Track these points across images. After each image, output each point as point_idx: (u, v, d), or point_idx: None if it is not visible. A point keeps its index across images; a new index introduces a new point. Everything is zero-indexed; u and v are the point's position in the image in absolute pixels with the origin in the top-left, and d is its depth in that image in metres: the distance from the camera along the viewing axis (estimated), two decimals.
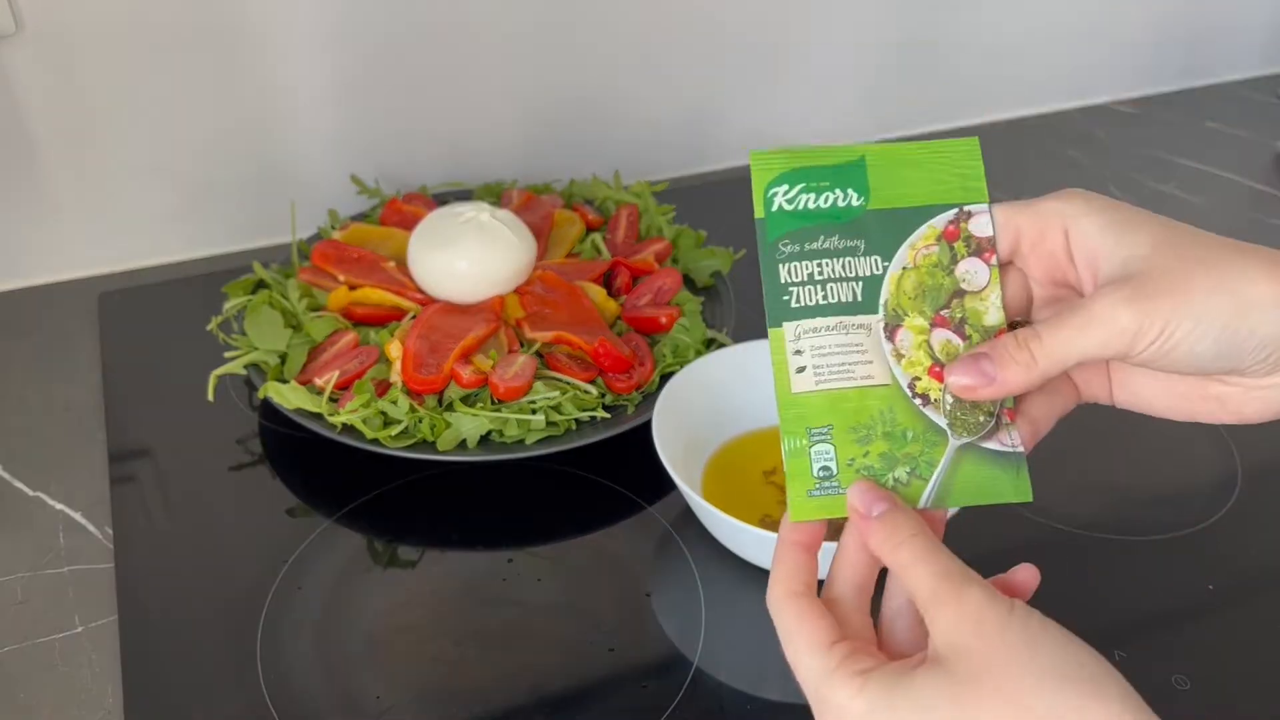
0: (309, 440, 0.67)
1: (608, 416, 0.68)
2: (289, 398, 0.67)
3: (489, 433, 0.67)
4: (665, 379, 0.71)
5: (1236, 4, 1.25)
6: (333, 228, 0.84)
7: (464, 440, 0.66)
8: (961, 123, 1.17)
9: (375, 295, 0.75)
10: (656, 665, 0.57)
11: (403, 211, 0.85)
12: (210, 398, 0.70)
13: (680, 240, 0.85)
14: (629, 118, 1.01)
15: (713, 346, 0.75)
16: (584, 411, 0.68)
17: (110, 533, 0.65)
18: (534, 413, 0.66)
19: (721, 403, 0.67)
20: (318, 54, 0.87)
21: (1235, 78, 1.30)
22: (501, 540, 0.65)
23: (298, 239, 0.83)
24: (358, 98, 0.90)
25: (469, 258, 0.74)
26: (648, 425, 0.63)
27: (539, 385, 0.68)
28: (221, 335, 0.75)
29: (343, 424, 0.66)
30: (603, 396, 0.70)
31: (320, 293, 0.76)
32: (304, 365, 0.71)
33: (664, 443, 0.61)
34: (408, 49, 0.90)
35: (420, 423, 0.66)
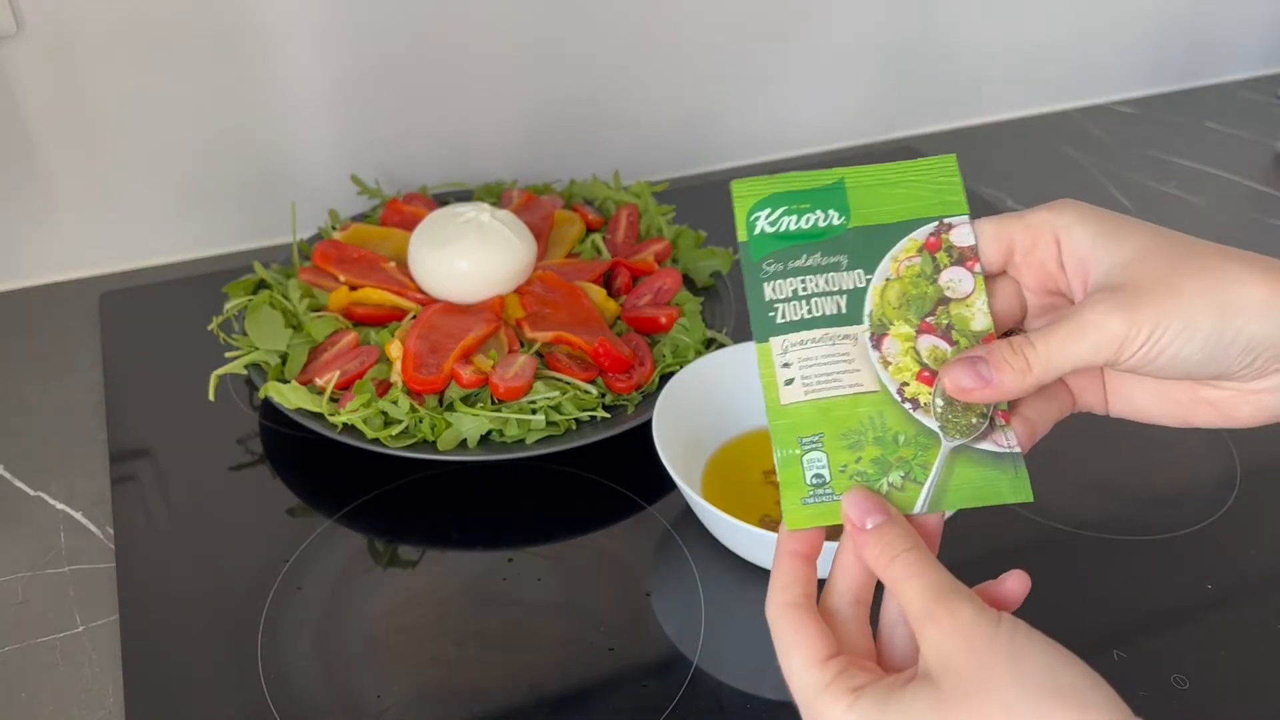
0: (309, 440, 0.68)
1: (608, 416, 0.68)
2: (290, 398, 0.67)
3: (489, 433, 0.67)
4: (665, 379, 0.71)
5: (1236, 4, 1.25)
6: (333, 228, 0.84)
7: (464, 440, 0.66)
8: (961, 123, 1.17)
9: (376, 295, 0.76)
10: (656, 665, 0.57)
11: (403, 212, 0.85)
12: (211, 397, 0.70)
13: (680, 240, 0.85)
14: (629, 118, 1.01)
15: (713, 346, 0.75)
16: (584, 411, 0.68)
17: (111, 532, 0.65)
18: (534, 413, 0.66)
19: (721, 403, 0.67)
20: (319, 54, 0.87)
21: (1235, 78, 1.30)
22: (501, 540, 0.65)
23: (298, 239, 0.83)
24: (358, 98, 0.90)
25: (469, 258, 0.75)
26: (648, 425, 0.63)
27: (539, 385, 0.68)
28: (222, 335, 0.75)
29: (343, 424, 0.66)
30: (603, 396, 0.70)
31: (321, 293, 0.76)
32: (305, 365, 0.71)
33: (664, 443, 0.61)
34: (408, 50, 0.90)
35: (420, 423, 0.66)
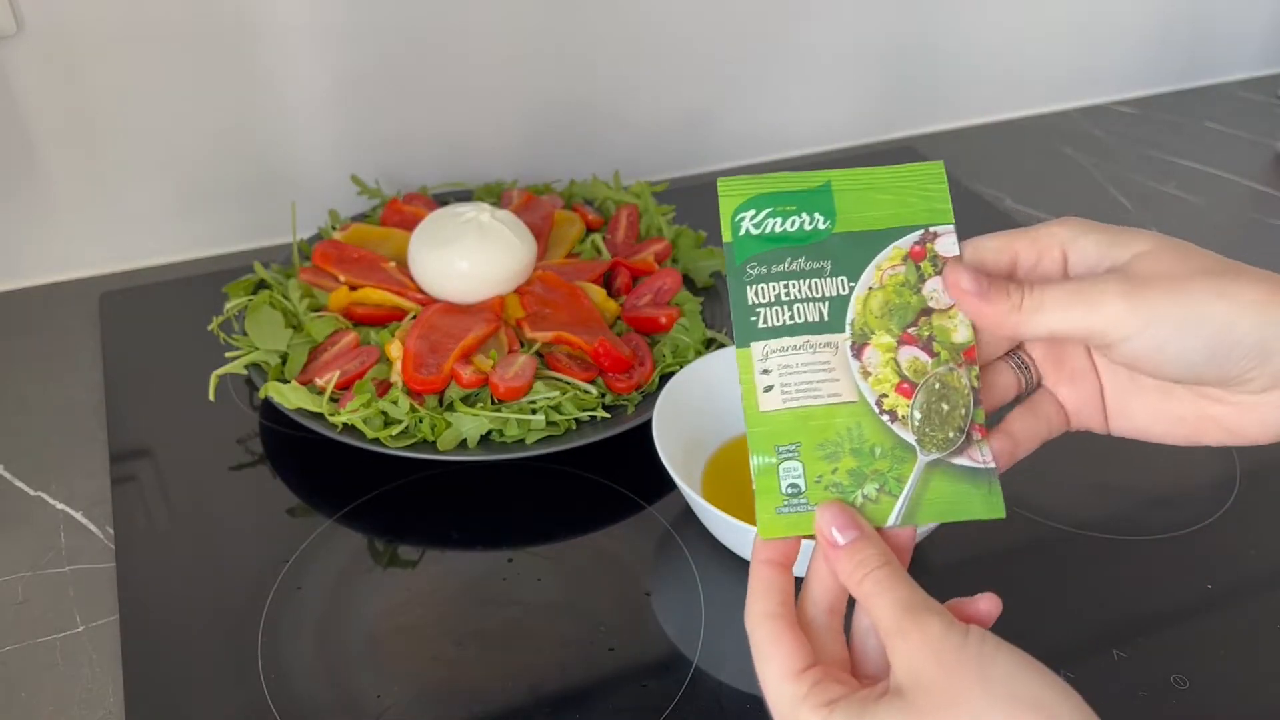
0: (309, 440, 0.68)
1: (608, 416, 0.68)
2: (290, 397, 0.67)
3: (489, 433, 0.67)
4: (665, 379, 0.71)
5: (1236, 4, 1.25)
6: (333, 228, 0.84)
7: (464, 440, 0.66)
8: (962, 123, 1.17)
9: (376, 295, 0.76)
10: (656, 665, 0.57)
11: (403, 212, 0.85)
12: (211, 397, 0.70)
13: (680, 240, 0.85)
14: (629, 118, 1.01)
15: (712, 346, 0.75)
16: (584, 411, 0.68)
17: (111, 532, 0.65)
18: (534, 413, 0.66)
19: (721, 403, 0.67)
20: (319, 54, 0.87)
21: (1235, 78, 1.30)
22: (501, 540, 0.65)
23: (298, 239, 0.83)
24: (359, 98, 0.90)
25: (469, 258, 0.75)
26: (648, 425, 0.63)
27: (539, 385, 0.68)
28: (222, 335, 0.75)
29: (343, 424, 0.66)
30: (603, 396, 0.70)
31: (321, 293, 0.76)
32: (305, 365, 0.71)
33: (664, 443, 0.61)
34: (408, 50, 0.90)
35: (421, 423, 0.66)
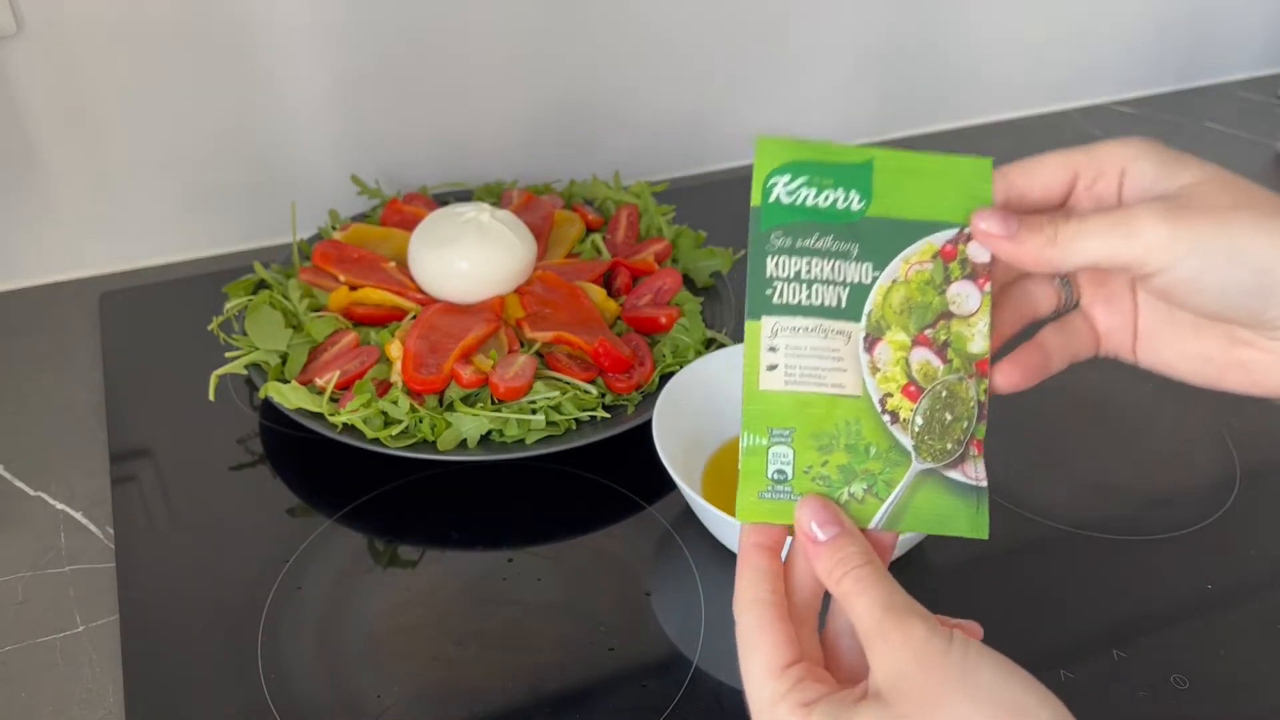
0: (309, 440, 0.68)
1: (608, 416, 0.68)
2: (290, 397, 0.67)
3: (489, 433, 0.67)
4: (665, 379, 0.71)
5: (1236, 4, 1.25)
6: (333, 228, 0.84)
7: (464, 440, 0.66)
8: (961, 123, 1.17)
9: (376, 295, 0.76)
10: (656, 665, 0.57)
11: (403, 212, 0.85)
12: (211, 397, 0.70)
13: (680, 240, 0.85)
14: (629, 118, 1.01)
15: (713, 346, 0.75)
16: (584, 411, 0.68)
17: (111, 532, 0.65)
18: (534, 413, 0.66)
19: (721, 403, 0.67)
20: (319, 55, 0.87)
21: (1235, 78, 1.30)
22: (501, 540, 0.65)
23: (298, 239, 0.83)
24: (359, 98, 0.90)
25: (469, 258, 0.75)
26: (648, 425, 0.63)
27: (539, 385, 0.68)
28: (222, 335, 0.75)
29: (343, 424, 0.66)
30: (603, 396, 0.70)
31: (321, 293, 0.76)
32: (305, 365, 0.71)
33: (664, 443, 0.61)
34: (408, 50, 0.90)
35: (421, 423, 0.66)
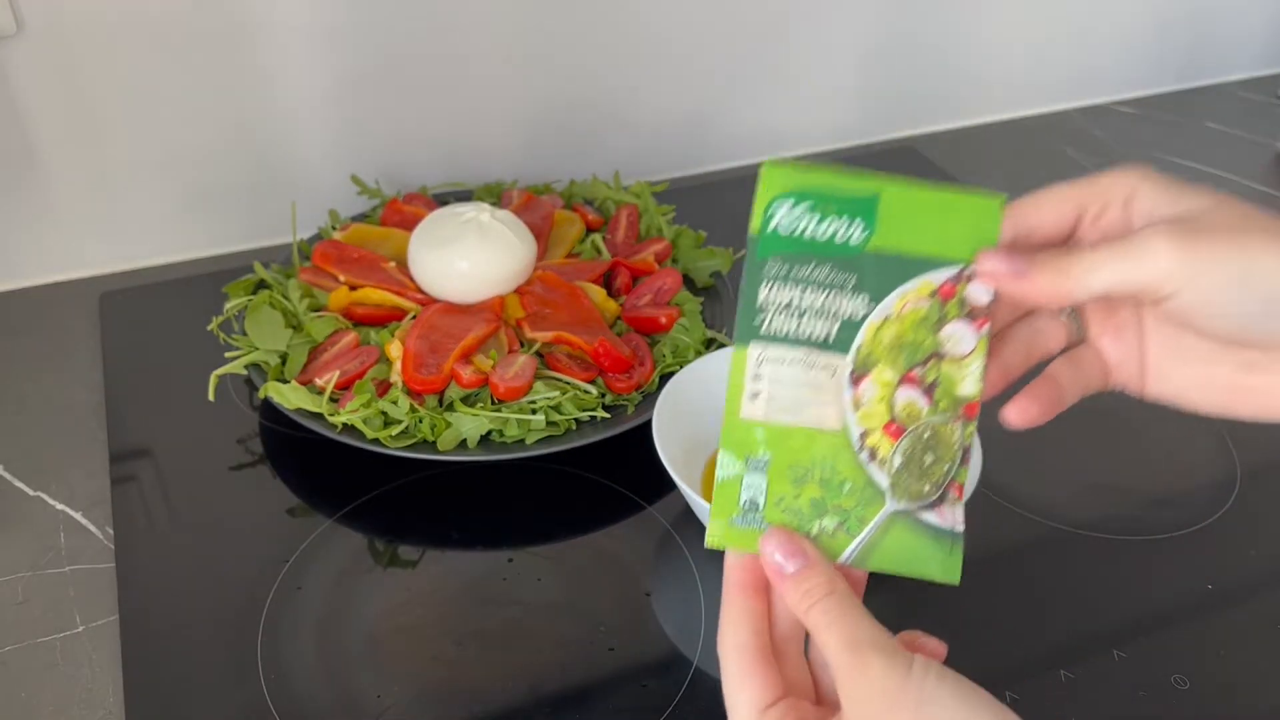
0: (309, 440, 0.68)
1: (608, 416, 0.68)
2: (289, 398, 0.67)
3: (489, 433, 0.67)
4: (665, 379, 0.71)
5: (1236, 4, 1.25)
6: (333, 228, 0.84)
7: (464, 440, 0.66)
8: (961, 123, 1.17)
9: (376, 295, 0.76)
10: (656, 665, 0.57)
11: (403, 212, 0.85)
12: (211, 398, 0.70)
13: (680, 240, 0.85)
14: (629, 118, 1.01)
15: (713, 346, 0.75)
16: (584, 411, 0.68)
17: (111, 532, 0.65)
18: (534, 413, 0.66)
19: (721, 403, 0.67)
20: (319, 55, 0.87)
21: (1235, 78, 1.30)
22: (501, 540, 0.65)
23: (298, 239, 0.83)
24: (359, 98, 0.90)
25: (469, 258, 0.75)
26: (648, 425, 0.63)
27: (539, 385, 0.68)
28: (222, 335, 0.75)
29: (343, 424, 0.66)
30: (603, 396, 0.70)
31: (321, 293, 0.76)
32: (304, 365, 0.71)
33: (664, 443, 0.61)
34: (409, 49, 0.90)
35: (420, 423, 0.66)
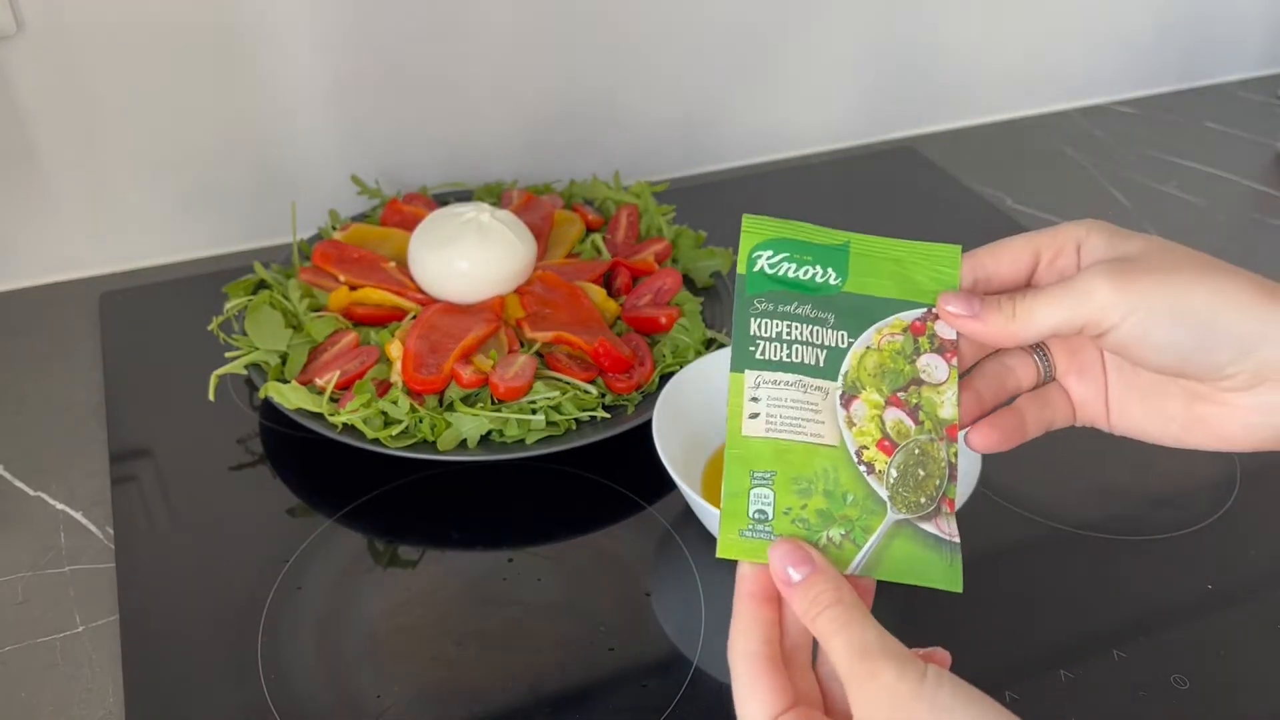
0: (309, 440, 0.68)
1: (608, 416, 0.68)
2: (290, 397, 0.67)
3: (489, 433, 0.67)
4: (665, 379, 0.71)
5: (1236, 4, 1.25)
6: (333, 228, 0.84)
7: (464, 440, 0.66)
8: (961, 123, 1.17)
9: (376, 295, 0.76)
10: (656, 665, 0.57)
11: (403, 212, 0.85)
12: (211, 397, 0.70)
13: (680, 240, 0.85)
14: (629, 118, 1.01)
15: (713, 346, 0.75)
16: (584, 411, 0.68)
17: (111, 532, 0.65)
18: (534, 413, 0.66)
19: (721, 403, 0.67)
20: (318, 55, 0.87)
21: (1235, 78, 1.30)
22: (501, 540, 0.65)
23: (298, 239, 0.83)
24: (358, 98, 0.90)
25: (469, 258, 0.75)
26: (648, 425, 0.63)
27: (539, 385, 0.68)
28: (222, 335, 0.75)
29: (343, 424, 0.66)
30: (603, 396, 0.70)
31: (321, 293, 0.76)
32: (305, 365, 0.71)
33: (664, 443, 0.61)
34: (408, 49, 0.90)
35: (421, 423, 0.66)
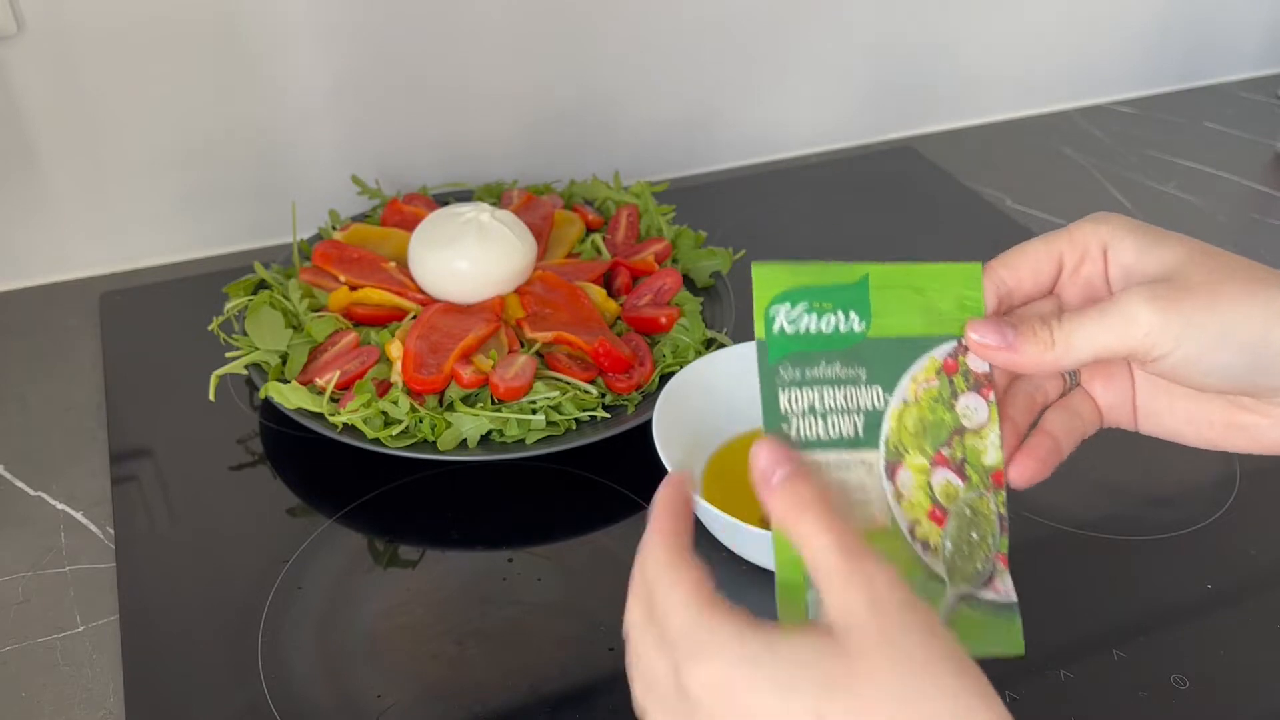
0: (310, 440, 0.68)
1: (608, 416, 0.68)
2: (290, 398, 0.67)
3: (489, 432, 0.67)
4: (665, 379, 0.71)
5: (1236, 4, 1.25)
6: (333, 228, 0.84)
7: (464, 440, 0.66)
8: (961, 123, 1.17)
9: (376, 295, 0.76)
10: None
11: (403, 212, 0.85)
12: (211, 398, 0.70)
13: (680, 240, 0.85)
14: (629, 118, 1.01)
15: (713, 346, 0.75)
16: (584, 411, 0.68)
17: (111, 532, 0.65)
18: (534, 413, 0.66)
19: (721, 403, 0.67)
20: (319, 54, 0.87)
21: (1234, 78, 1.30)
22: (501, 540, 0.65)
23: (298, 239, 0.83)
24: (359, 98, 0.90)
25: (469, 258, 0.75)
26: (648, 425, 0.63)
27: (539, 385, 0.68)
28: (222, 335, 0.75)
29: (343, 424, 0.66)
30: (603, 396, 0.70)
31: (321, 293, 0.76)
32: (305, 365, 0.71)
33: (664, 443, 0.61)
34: (409, 50, 0.90)
35: (421, 423, 0.66)
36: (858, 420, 0.39)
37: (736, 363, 0.69)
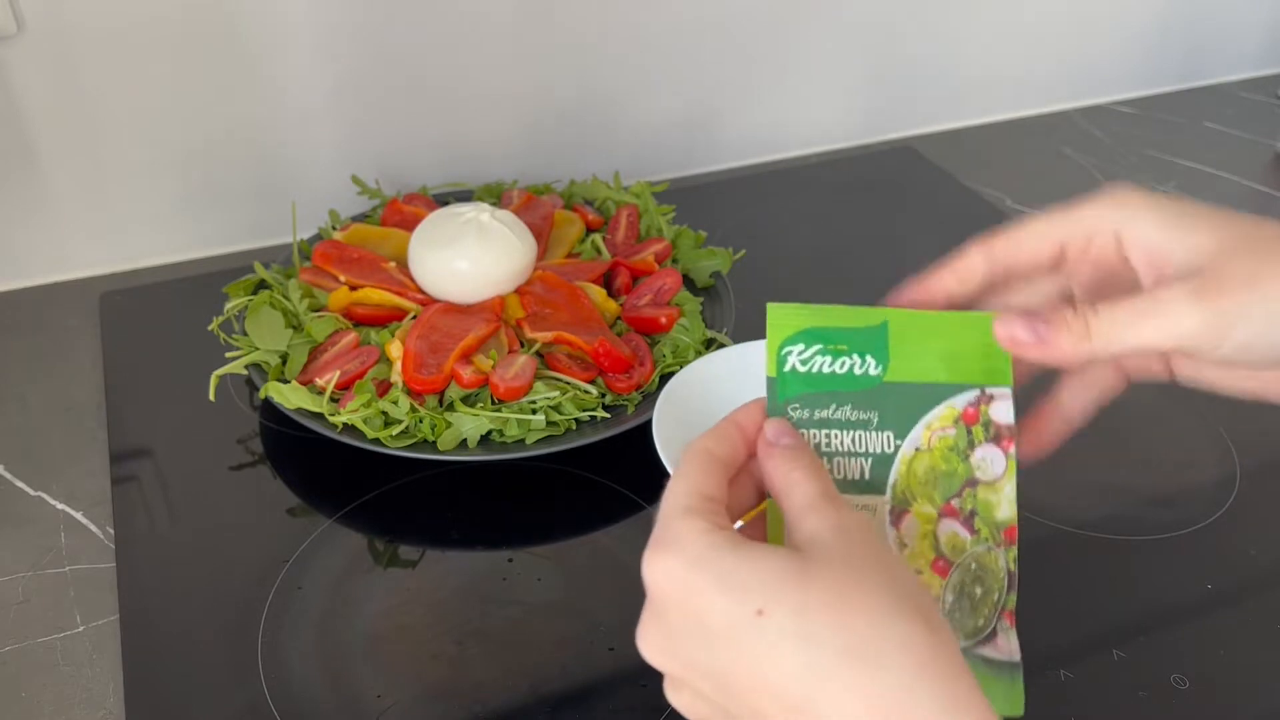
0: (310, 440, 0.68)
1: (608, 416, 0.68)
2: (290, 397, 0.67)
3: (489, 432, 0.67)
4: (665, 379, 0.71)
5: (1236, 4, 1.25)
6: (333, 228, 0.84)
7: (464, 440, 0.66)
8: (961, 123, 1.17)
9: (376, 295, 0.76)
10: None
11: (403, 212, 0.85)
12: (211, 398, 0.70)
13: (680, 240, 0.85)
14: (629, 118, 1.01)
15: (713, 346, 0.75)
16: (584, 411, 0.68)
17: (111, 532, 0.65)
18: (534, 413, 0.66)
19: (721, 403, 0.66)
20: (319, 54, 0.87)
21: (1234, 78, 1.30)
22: (501, 540, 0.65)
23: (299, 239, 0.83)
24: (359, 98, 0.90)
25: (469, 258, 0.75)
26: (648, 425, 0.63)
27: (539, 385, 0.68)
28: (222, 335, 0.75)
29: (343, 424, 0.66)
30: (603, 396, 0.70)
31: (321, 293, 0.76)
32: (305, 365, 0.71)
33: (664, 443, 0.61)
34: (409, 50, 0.90)
35: (421, 423, 0.66)
36: (865, 464, 0.39)
37: (736, 363, 0.69)
